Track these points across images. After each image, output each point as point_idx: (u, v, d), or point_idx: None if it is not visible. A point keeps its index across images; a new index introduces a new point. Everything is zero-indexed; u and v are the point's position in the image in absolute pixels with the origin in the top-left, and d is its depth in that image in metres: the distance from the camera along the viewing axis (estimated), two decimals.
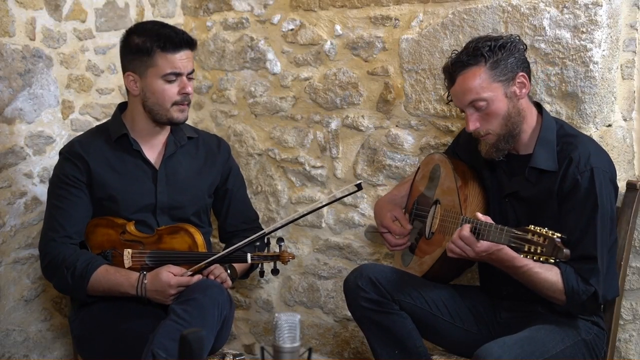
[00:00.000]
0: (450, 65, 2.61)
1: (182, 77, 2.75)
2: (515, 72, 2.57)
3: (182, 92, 2.75)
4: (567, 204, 2.52)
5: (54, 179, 2.84)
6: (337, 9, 3.37)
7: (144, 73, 2.75)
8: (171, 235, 2.77)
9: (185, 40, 2.76)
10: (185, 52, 2.76)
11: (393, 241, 2.93)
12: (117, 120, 2.87)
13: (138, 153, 2.83)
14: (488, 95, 2.53)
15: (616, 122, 2.92)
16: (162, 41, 2.72)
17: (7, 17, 3.06)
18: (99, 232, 2.81)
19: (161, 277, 2.62)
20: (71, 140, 2.92)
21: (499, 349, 2.40)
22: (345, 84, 3.38)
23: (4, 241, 3.12)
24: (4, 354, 3.15)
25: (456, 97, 2.61)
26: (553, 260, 2.23)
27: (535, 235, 2.26)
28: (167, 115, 2.77)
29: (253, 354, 3.75)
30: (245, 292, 3.76)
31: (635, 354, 2.87)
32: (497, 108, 2.54)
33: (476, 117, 2.56)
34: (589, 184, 2.49)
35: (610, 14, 2.81)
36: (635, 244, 2.81)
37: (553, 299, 2.51)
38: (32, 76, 3.16)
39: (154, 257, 2.73)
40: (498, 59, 2.54)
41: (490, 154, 2.61)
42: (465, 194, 2.67)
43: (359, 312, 2.72)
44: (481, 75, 2.53)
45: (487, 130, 2.57)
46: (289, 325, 2.03)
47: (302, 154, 3.53)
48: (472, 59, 2.55)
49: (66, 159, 2.81)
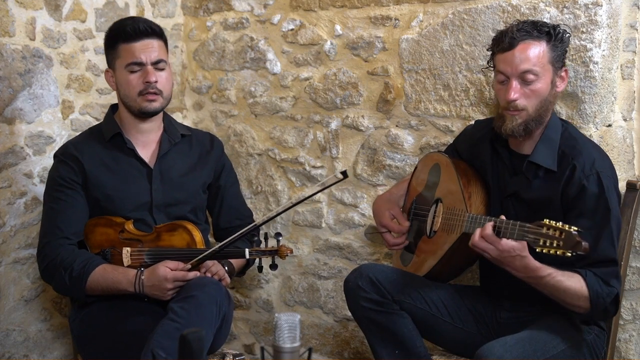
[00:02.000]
0: (516, 30, 2.55)
1: (146, 66, 2.74)
2: (563, 63, 2.59)
3: (145, 81, 2.74)
4: (576, 210, 2.49)
5: (50, 182, 2.84)
6: (337, 9, 3.37)
7: (114, 66, 2.79)
8: (170, 233, 2.77)
9: (142, 30, 2.74)
10: (146, 41, 2.75)
11: (392, 240, 2.93)
12: (109, 120, 2.88)
13: (132, 152, 2.84)
14: (541, 71, 2.52)
15: (616, 122, 2.92)
16: (122, 31, 2.74)
17: (7, 17, 3.06)
18: (97, 232, 2.81)
19: (158, 271, 2.63)
20: (65, 143, 2.93)
21: (501, 348, 2.40)
22: (345, 84, 3.38)
23: (4, 241, 3.12)
24: (4, 354, 3.15)
25: (510, 62, 2.55)
26: (570, 254, 2.20)
27: (551, 229, 2.23)
28: (136, 106, 2.79)
29: (253, 354, 3.75)
30: (245, 292, 3.76)
31: (635, 354, 2.87)
32: (541, 88, 2.53)
33: (519, 89, 2.53)
34: (598, 188, 2.48)
35: (610, 14, 2.81)
36: (635, 244, 2.81)
37: (576, 307, 2.47)
38: (32, 76, 3.16)
39: (152, 255, 2.73)
40: (557, 45, 2.55)
41: (517, 131, 2.55)
42: (469, 191, 2.66)
43: (359, 312, 2.72)
44: (543, 51, 2.52)
45: (524, 105, 2.54)
46: (289, 325, 2.03)
47: (302, 154, 3.53)
48: (538, 33, 2.53)
49: (60, 162, 2.82)
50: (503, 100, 2.57)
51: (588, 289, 2.42)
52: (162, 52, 2.79)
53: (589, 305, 2.44)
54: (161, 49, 2.79)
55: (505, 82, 2.56)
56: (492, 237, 2.38)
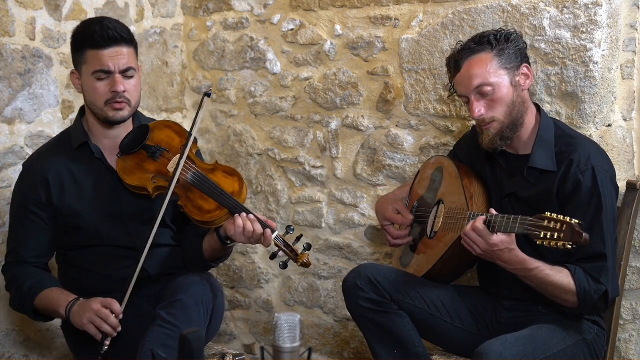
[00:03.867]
0: (457, 52, 2.62)
1: (114, 75, 2.60)
2: (520, 62, 2.59)
3: (113, 90, 2.61)
4: (571, 205, 2.51)
5: (15, 198, 2.75)
6: (337, 9, 3.37)
7: (80, 70, 2.66)
8: (225, 174, 2.70)
9: (112, 37, 2.59)
10: (116, 49, 2.60)
11: (395, 233, 2.93)
12: (77, 127, 2.76)
13: (100, 162, 2.73)
14: (495, 81, 2.54)
15: (616, 122, 2.92)
16: (89, 37, 2.60)
17: (7, 17, 3.06)
18: (165, 132, 2.74)
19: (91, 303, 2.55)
20: (34, 153, 2.83)
21: (501, 346, 2.40)
22: (345, 84, 3.38)
23: (3, 241, 3.12)
24: (4, 354, 3.15)
25: (462, 83, 2.60)
26: (570, 246, 2.22)
27: (552, 222, 2.24)
28: (102, 115, 2.66)
29: (253, 354, 3.75)
30: (245, 292, 3.76)
31: (635, 354, 2.87)
32: (503, 94, 2.55)
33: (482, 103, 2.56)
34: (592, 183, 2.49)
35: (610, 14, 2.81)
36: (635, 244, 2.81)
37: (564, 301, 2.49)
38: (32, 76, 3.16)
39: (197, 177, 2.64)
40: (503, 48, 2.56)
41: (494, 143, 2.59)
42: (471, 192, 2.67)
43: (358, 312, 2.72)
44: (488, 61, 2.55)
45: (492, 117, 2.57)
46: (289, 325, 2.03)
47: (302, 154, 3.53)
48: (479, 46, 2.57)
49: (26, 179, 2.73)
50: (472, 118, 2.62)
51: (575, 285, 2.44)
52: (131, 59, 2.64)
53: (577, 300, 2.46)
54: (130, 56, 2.64)
55: (468, 102, 2.60)
56: (483, 231, 2.40)
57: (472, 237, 2.43)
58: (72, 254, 2.76)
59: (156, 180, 2.66)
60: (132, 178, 2.67)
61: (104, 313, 2.52)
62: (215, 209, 2.62)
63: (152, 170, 2.69)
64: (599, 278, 2.46)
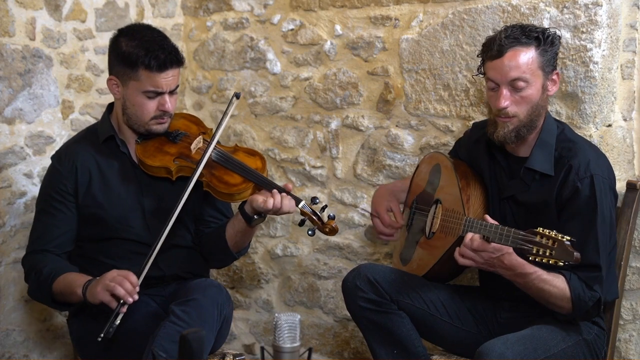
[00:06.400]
0: (504, 37, 2.54)
1: (164, 95, 2.69)
2: (553, 67, 2.58)
3: (161, 109, 2.70)
4: (567, 212, 2.50)
5: (43, 188, 2.80)
6: (337, 9, 3.37)
7: (126, 83, 2.69)
8: (246, 154, 2.80)
9: (170, 61, 2.66)
10: (171, 72, 2.67)
11: (380, 228, 2.95)
12: (104, 122, 2.83)
13: (125, 155, 2.79)
14: (531, 78, 2.52)
15: (616, 122, 2.92)
16: (148, 59, 2.63)
17: (7, 17, 3.06)
18: (182, 121, 2.85)
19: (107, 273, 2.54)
20: (62, 146, 2.87)
21: (502, 345, 2.40)
22: (345, 84, 3.38)
23: (4, 241, 3.12)
24: (4, 354, 3.15)
25: (499, 70, 2.54)
26: (562, 263, 2.21)
27: (544, 238, 2.23)
28: (145, 127, 2.73)
29: (253, 354, 3.75)
30: (245, 292, 3.76)
31: (635, 354, 2.87)
32: (532, 94, 2.53)
33: (509, 96, 2.53)
34: (589, 191, 2.48)
35: (610, 14, 2.81)
36: (635, 244, 2.81)
37: (559, 307, 2.49)
38: (32, 76, 3.16)
39: (222, 155, 2.73)
40: (546, 49, 2.53)
41: (508, 137, 2.57)
42: (467, 194, 2.67)
43: (358, 312, 2.72)
44: (532, 57, 2.52)
45: (515, 112, 2.54)
46: (289, 325, 2.04)
47: (302, 154, 3.53)
48: (527, 39, 2.52)
49: (55, 169, 2.77)
50: (494, 107, 2.57)
51: (570, 292, 2.44)
52: (178, 78, 2.73)
53: (571, 306, 2.46)
54: (179, 75, 2.73)
55: (496, 90, 2.56)
56: (482, 246, 2.39)
57: (469, 256, 2.43)
58: (88, 245, 2.78)
59: (178, 162, 2.73)
60: (154, 160, 2.73)
61: (119, 279, 2.51)
62: (241, 183, 2.69)
63: (173, 152, 2.76)
64: (592, 286, 2.46)
